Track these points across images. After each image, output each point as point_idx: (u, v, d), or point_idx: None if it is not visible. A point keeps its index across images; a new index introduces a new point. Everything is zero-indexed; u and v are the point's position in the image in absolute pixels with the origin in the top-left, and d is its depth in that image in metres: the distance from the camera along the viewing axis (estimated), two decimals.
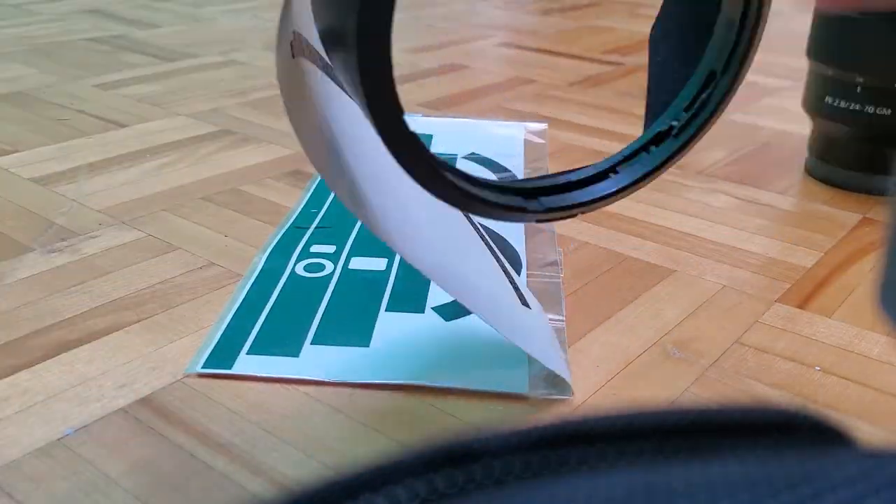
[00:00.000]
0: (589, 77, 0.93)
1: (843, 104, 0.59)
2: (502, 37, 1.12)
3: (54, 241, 0.53)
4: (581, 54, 1.02)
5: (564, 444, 0.09)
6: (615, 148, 0.72)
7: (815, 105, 0.61)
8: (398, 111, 0.21)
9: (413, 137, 0.22)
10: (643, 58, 1.01)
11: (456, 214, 0.39)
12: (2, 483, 0.32)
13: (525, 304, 0.40)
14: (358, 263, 0.50)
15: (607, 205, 0.28)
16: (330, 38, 0.21)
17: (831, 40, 0.59)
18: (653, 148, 0.29)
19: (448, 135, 0.72)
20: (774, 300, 0.46)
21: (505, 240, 0.53)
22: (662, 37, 0.30)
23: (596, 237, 0.54)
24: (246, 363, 0.40)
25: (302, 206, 0.58)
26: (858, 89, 0.58)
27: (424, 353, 0.41)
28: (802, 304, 0.46)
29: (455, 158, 0.67)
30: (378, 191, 0.31)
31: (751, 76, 0.58)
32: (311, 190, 0.61)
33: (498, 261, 0.42)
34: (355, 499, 0.09)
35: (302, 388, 0.38)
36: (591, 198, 0.27)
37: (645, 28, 1.13)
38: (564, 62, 0.99)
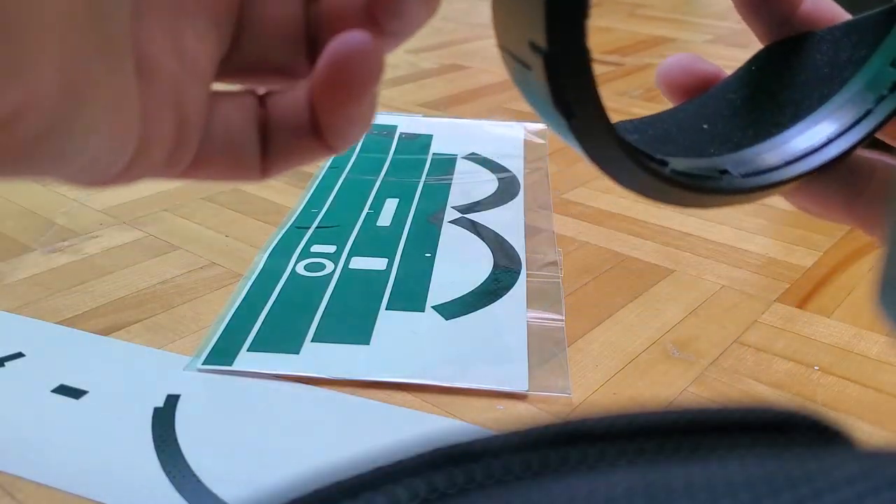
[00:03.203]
0: None
1: None
2: None
3: (55, 240, 0.53)
4: None
5: (564, 444, 0.10)
6: None
7: None
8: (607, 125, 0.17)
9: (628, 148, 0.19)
10: (642, 58, 1.01)
11: None
12: (4, 483, 0.32)
13: None
14: (358, 263, 0.50)
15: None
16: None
17: None
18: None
19: (448, 135, 0.72)
20: (774, 300, 0.46)
21: (505, 240, 0.53)
22: None
23: (596, 237, 0.54)
24: (247, 360, 0.40)
25: (302, 206, 0.58)
26: None
27: (425, 351, 0.41)
28: (801, 304, 0.46)
29: (455, 158, 0.67)
30: None
31: None
32: (312, 190, 0.61)
33: None
34: (355, 498, 0.09)
35: (302, 386, 0.38)
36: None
37: (645, 29, 1.13)
38: None
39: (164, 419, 0.36)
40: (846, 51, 0.24)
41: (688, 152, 0.22)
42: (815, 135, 0.23)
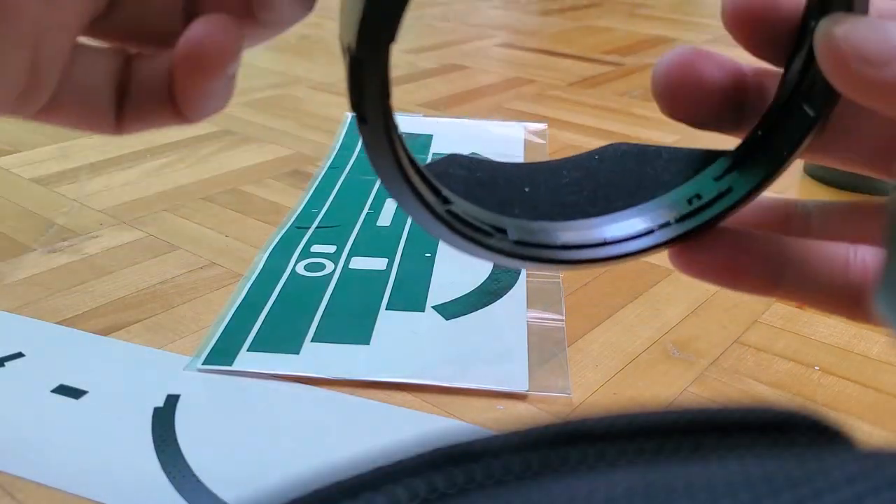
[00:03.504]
0: (588, 77, 0.93)
1: None
2: (502, 37, 1.12)
3: (55, 240, 0.53)
4: (580, 54, 1.02)
5: (564, 444, 0.10)
6: None
7: None
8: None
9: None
10: (642, 58, 1.01)
11: None
12: (4, 483, 0.32)
13: None
14: (358, 263, 0.50)
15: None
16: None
17: None
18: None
19: (448, 135, 0.72)
20: (774, 300, 0.46)
21: None
22: None
23: None
24: (247, 360, 0.40)
25: (302, 206, 0.58)
26: None
27: (425, 351, 0.41)
28: (802, 304, 0.46)
29: None
30: None
31: None
32: (312, 190, 0.61)
33: None
34: (355, 498, 0.09)
35: (302, 386, 0.38)
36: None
37: (644, 28, 1.13)
38: (564, 62, 0.99)
39: (164, 419, 0.36)
40: (669, 174, 0.26)
41: (492, 205, 0.24)
42: (599, 233, 0.25)
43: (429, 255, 0.51)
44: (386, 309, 0.45)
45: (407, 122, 0.75)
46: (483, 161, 0.25)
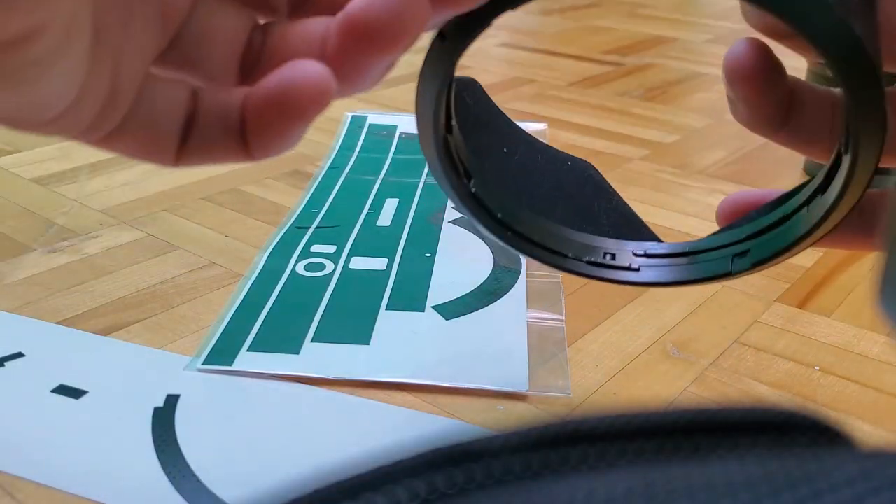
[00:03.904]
0: (588, 77, 0.93)
1: None
2: (502, 37, 1.12)
3: (55, 240, 0.53)
4: (580, 55, 1.02)
5: (564, 444, 0.10)
6: (616, 148, 0.72)
7: None
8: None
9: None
10: (642, 58, 1.01)
11: None
12: (4, 483, 0.32)
13: None
14: (358, 263, 0.50)
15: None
16: None
17: None
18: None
19: None
20: (774, 300, 0.46)
21: None
22: None
23: None
24: (246, 360, 0.40)
25: (302, 206, 0.58)
26: None
27: (425, 351, 0.41)
28: (802, 304, 0.46)
29: None
30: None
31: None
32: (312, 190, 0.61)
33: None
34: (355, 498, 0.09)
35: (302, 386, 0.38)
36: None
37: (644, 28, 1.13)
38: (564, 62, 0.99)
39: (164, 419, 0.36)
40: (607, 218, 0.32)
41: (474, 144, 0.30)
42: (541, 238, 0.31)
43: (429, 255, 0.51)
44: (386, 309, 0.45)
45: (407, 122, 0.75)
46: (487, 103, 0.31)
